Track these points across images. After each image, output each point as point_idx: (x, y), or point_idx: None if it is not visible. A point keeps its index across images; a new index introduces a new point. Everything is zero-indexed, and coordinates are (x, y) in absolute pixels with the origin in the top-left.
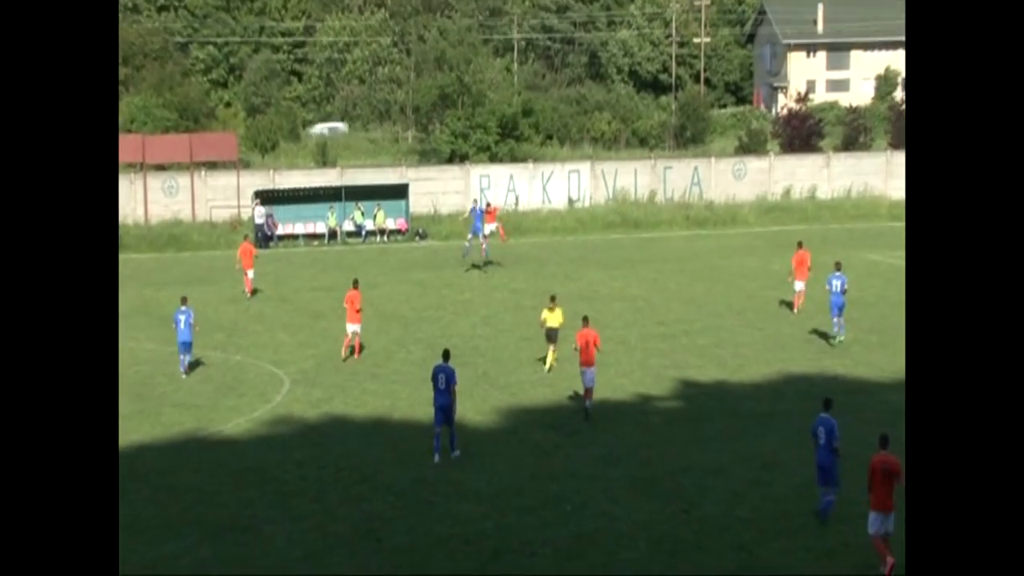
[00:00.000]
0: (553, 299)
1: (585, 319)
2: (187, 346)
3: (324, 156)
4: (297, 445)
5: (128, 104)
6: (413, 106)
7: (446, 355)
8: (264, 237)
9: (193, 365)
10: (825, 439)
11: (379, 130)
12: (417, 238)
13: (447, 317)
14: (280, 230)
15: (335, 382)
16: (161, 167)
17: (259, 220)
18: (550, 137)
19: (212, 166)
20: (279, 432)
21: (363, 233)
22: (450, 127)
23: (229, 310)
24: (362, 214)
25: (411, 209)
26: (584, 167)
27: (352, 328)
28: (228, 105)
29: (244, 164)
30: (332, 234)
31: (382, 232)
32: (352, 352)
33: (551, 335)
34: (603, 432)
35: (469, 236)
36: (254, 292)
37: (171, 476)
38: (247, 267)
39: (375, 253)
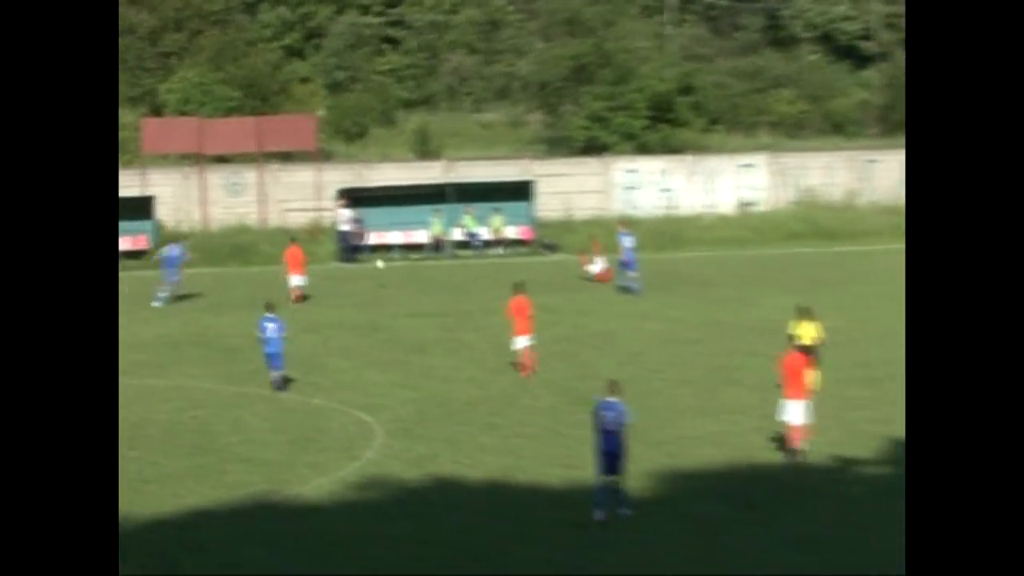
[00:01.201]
0: (805, 310)
1: (795, 337)
2: (278, 358)
3: (425, 145)
4: (393, 515)
5: (181, 80)
6: (538, 82)
7: (614, 388)
8: (349, 248)
9: (288, 380)
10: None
11: (495, 112)
12: (544, 250)
13: (584, 353)
14: (370, 239)
15: (441, 434)
16: (223, 159)
17: (344, 226)
18: (715, 121)
19: (286, 158)
20: (370, 498)
21: (476, 243)
22: (586, 108)
23: (306, 341)
24: (475, 219)
25: (536, 213)
26: (760, 160)
27: (524, 342)
28: (305, 81)
29: (325, 155)
30: (436, 244)
31: (499, 242)
32: (523, 367)
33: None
34: (789, 505)
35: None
36: (304, 298)
37: (235, 550)
38: (295, 272)
39: (491, 269)
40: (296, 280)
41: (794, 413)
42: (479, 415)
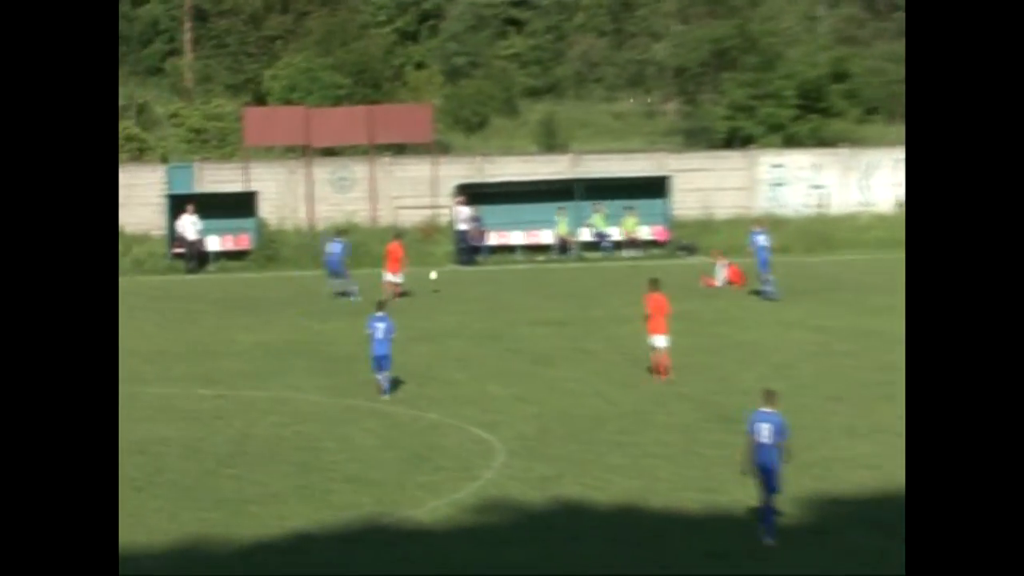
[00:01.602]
0: None
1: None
2: (386, 361)
3: (551, 137)
4: (513, 541)
5: (287, 66)
6: (675, 67)
7: (770, 398)
8: (468, 250)
9: (396, 383)
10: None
11: (627, 101)
12: (681, 252)
13: (724, 365)
14: (490, 240)
15: (567, 453)
16: (330, 152)
17: (462, 226)
18: (871, 111)
19: (399, 150)
20: (489, 522)
21: (605, 245)
22: (728, 97)
23: (420, 351)
24: (604, 218)
25: (672, 212)
26: None
27: (659, 342)
28: (420, 67)
29: (442, 148)
30: (563, 246)
31: (631, 243)
32: (657, 371)
33: None
34: None
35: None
36: (401, 295)
37: None
38: (393, 270)
39: (622, 273)
40: (392, 277)
41: None
42: (608, 433)
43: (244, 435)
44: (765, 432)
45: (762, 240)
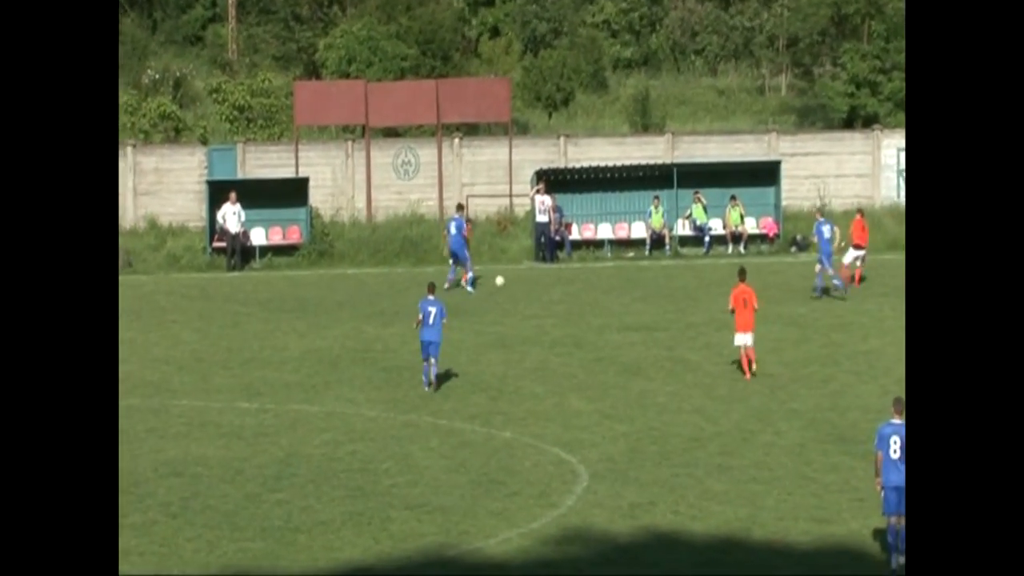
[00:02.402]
0: None
1: None
2: (435, 347)
3: (646, 116)
4: None
5: (344, 35)
6: (788, 36)
7: (900, 407)
8: (548, 245)
9: (443, 377)
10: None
11: (733, 75)
12: (794, 248)
13: (840, 377)
14: (574, 233)
15: (659, 477)
16: (393, 132)
17: (542, 217)
18: None
19: (471, 131)
20: (571, 554)
21: (706, 239)
22: (849, 70)
23: (493, 359)
24: (705, 209)
25: (783, 202)
26: None
27: (744, 339)
28: (496, 35)
29: (520, 128)
30: (657, 240)
31: (737, 238)
32: (747, 370)
33: None
34: None
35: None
36: (472, 281)
37: None
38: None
39: (725, 271)
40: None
41: None
42: (706, 454)
43: (292, 455)
44: (896, 447)
45: (827, 232)
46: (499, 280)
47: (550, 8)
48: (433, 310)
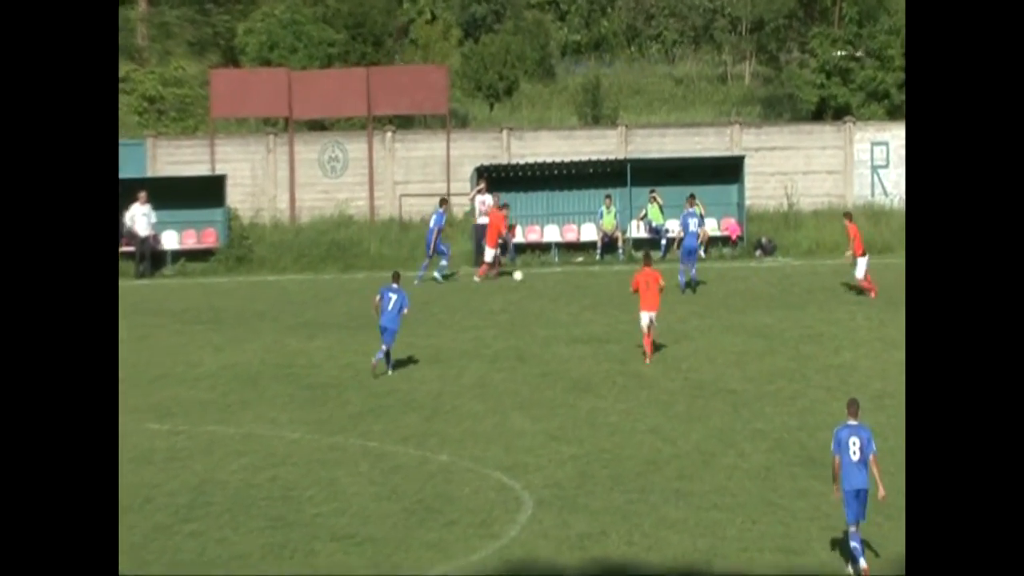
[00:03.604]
0: None
1: None
2: (389, 335)
3: (596, 107)
4: None
5: (265, 18)
6: (752, 20)
7: (855, 408)
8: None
9: (393, 365)
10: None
11: (692, 62)
12: (758, 252)
13: (809, 393)
14: (518, 236)
15: (611, 504)
16: (319, 125)
17: (483, 219)
18: None
19: (405, 123)
20: None
21: (663, 242)
22: (819, 58)
23: (428, 375)
24: (661, 210)
25: (747, 202)
26: None
27: (648, 317)
28: (433, 19)
29: (459, 121)
30: (609, 243)
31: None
32: (648, 353)
33: None
34: None
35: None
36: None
37: None
38: (491, 244)
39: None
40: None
41: None
42: (663, 479)
43: (206, 481)
44: (856, 448)
45: (692, 224)
46: (518, 275)
47: None
48: (394, 297)
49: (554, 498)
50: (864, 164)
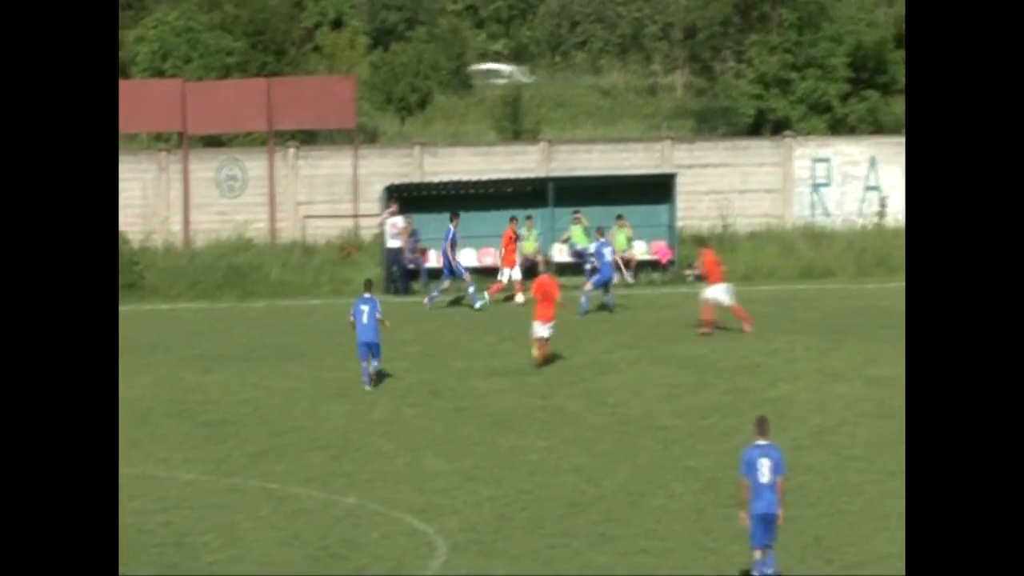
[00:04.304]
0: None
1: None
2: (374, 348)
3: (516, 121)
4: None
5: (158, 25)
6: (684, 27)
7: (764, 428)
8: (401, 274)
9: (382, 375)
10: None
11: (620, 72)
12: (690, 275)
13: (744, 429)
14: (432, 261)
15: (531, 549)
16: (216, 141)
17: (394, 242)
18: None
19: (309, 139)
20: None
21: (587, 267)
22: (756, 67)
23: (334, 411)
24: (586, 232)
25: (679, 223)
26: None
27: (542, 331)
28: (339, 25)
29: (368, 136)
30: (530, 268)
31: (624, 265)
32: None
33: None
34: None
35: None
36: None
37: None
38: (508, 264)
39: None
40: (510, 274)
41: None
42: (587, 522)
43: None
44: (765, 469)
45: (607, 254)
46: (519, 298)
47: None
48: (366, 308)
49: (470, 543)
50: (804, 182)
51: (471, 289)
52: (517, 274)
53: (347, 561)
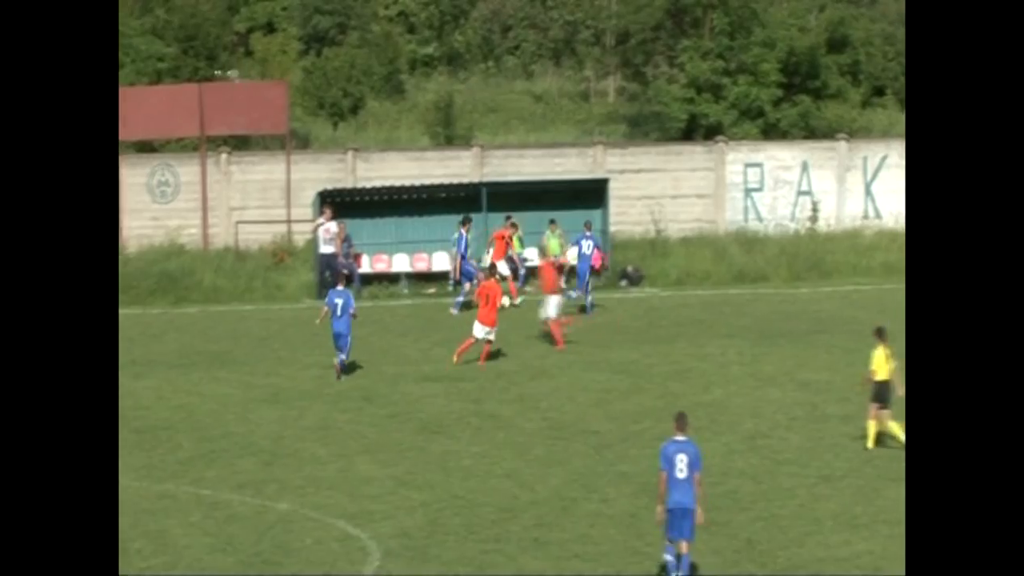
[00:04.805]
0: (880, 333)
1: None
2: (343, 339)
3: (449, 126)
4: None
5: None
6: (617, 32)
7: (683, 423)
8: (334, 280)
9: (351, 367)
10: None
11: (552, 78)
12: (623, 282)
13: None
14: (365, 266)
15: (464, 554)
16: (147, 146)
17: (327, 248)
18: (880, 92)
19: (241, 144)
20: None
21: (521, 272)
22: (688, 72)
23: (266, 416)
24: (520, 239)
25: (612, 228)
26: None
27: (482, 332)
28: (271, 30)
29: (301, 141)
30: (464, 275)
31: (558, 270)
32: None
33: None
34: None
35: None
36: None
37: None
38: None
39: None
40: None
41: None
42: (520, 527)
43: None
44: (682, 465)
45: (587, 247)
46: (505, 300)
47: (333, 0)
48: (340, 301)
49: (403, 548)
50: (737, 187)
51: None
52: (505, 271)
53: (280, 567)
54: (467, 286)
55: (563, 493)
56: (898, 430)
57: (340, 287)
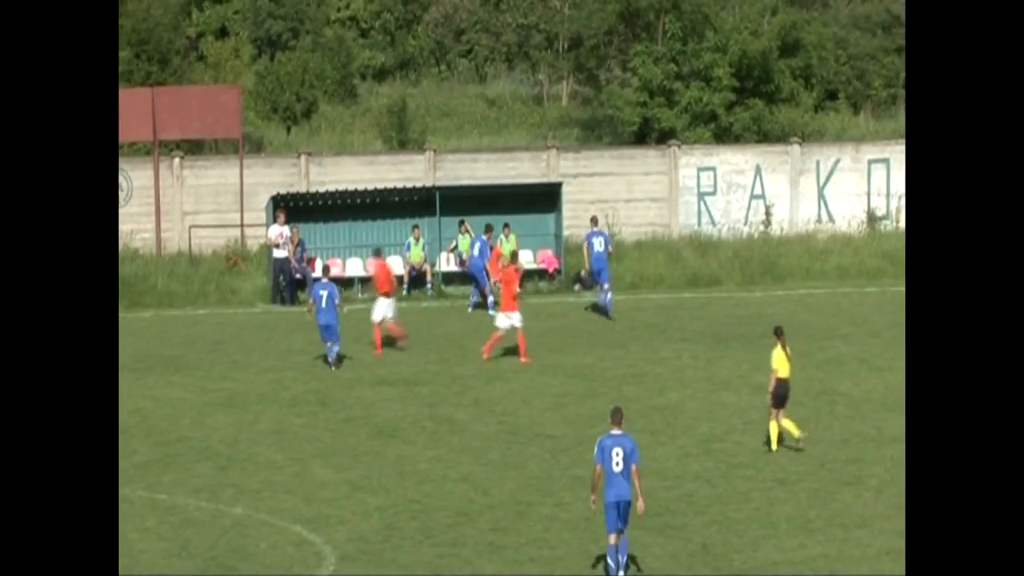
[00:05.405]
0: (778, 332)
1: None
2: (332, 331)
3: (402, 131)
4: None
5: None
6: (569, 36)
7: (618, 417)
8: (288, 283)
9: (343, 357)
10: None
11: (505, 82)
12: (577, 286)
13: (633, 436)
14: (318, 270)
15: (420, 559)
16: None
17: (279, 252)
18: (833, 96)
19: (194, 149)
20: None
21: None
22: (641, 76)
23: (221, 421)
24: (471, 242)
25: (565, 231)
26: (898, 153)
27: (507, 321)
28: (223, 35)
29: (254, 146)
30: (417, 278)
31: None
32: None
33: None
34: None
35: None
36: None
37: None
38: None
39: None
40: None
41: None
42: (476, 531)
43: None
44: (619, 458)
45: (598, 244)
46: (491, 311)
47: (287, 3)
48: (325, 293)
49: (359, 553)
50: (690, 191)
51: (475, 295)
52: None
53: (236, 572)
54: (475, 291)
55: (519, 497)
56: (793, 427)
57: (324, 279)
